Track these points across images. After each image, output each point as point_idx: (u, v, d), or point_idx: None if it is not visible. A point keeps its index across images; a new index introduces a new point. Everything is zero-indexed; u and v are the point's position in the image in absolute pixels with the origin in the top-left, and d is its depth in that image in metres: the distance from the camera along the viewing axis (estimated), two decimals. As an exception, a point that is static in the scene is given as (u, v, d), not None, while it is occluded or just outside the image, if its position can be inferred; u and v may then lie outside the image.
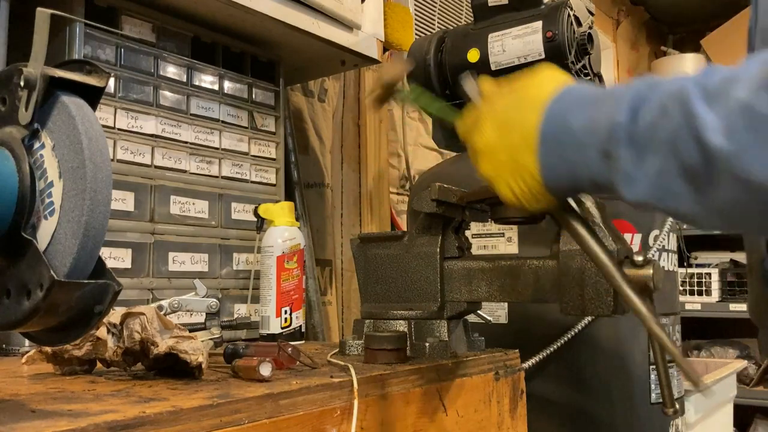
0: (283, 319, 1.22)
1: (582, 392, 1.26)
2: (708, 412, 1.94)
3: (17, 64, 0.57)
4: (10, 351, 1.06)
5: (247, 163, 1.41)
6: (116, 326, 0.76)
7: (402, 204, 2.21)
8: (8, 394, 0.64)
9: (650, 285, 0.78)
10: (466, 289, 0.94)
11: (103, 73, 0.60)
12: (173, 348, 0.73)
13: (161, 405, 0.57)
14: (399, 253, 1.00)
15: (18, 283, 0.55)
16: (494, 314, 1.28)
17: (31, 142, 0.58)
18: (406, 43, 1.93)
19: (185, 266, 1.27)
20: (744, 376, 3.33)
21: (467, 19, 2.58)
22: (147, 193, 1.22)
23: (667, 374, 0.78)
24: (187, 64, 1.32)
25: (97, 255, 0.56)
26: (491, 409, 0.97)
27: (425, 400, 0.85)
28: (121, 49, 1.21)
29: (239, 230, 1.37)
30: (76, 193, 0.54)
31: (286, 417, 0.66)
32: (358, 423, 0.73)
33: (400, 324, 0.96)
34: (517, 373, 1.04)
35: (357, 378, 0.75)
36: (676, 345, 0.96)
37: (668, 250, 1.38)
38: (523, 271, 0.88)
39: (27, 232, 0.56)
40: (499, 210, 0.93)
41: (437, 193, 0.93)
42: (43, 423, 0.50)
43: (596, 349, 1.26)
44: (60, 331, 0.57)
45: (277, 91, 1.50)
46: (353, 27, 1.55)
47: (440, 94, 1.55)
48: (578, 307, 0.82)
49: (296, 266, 1.25)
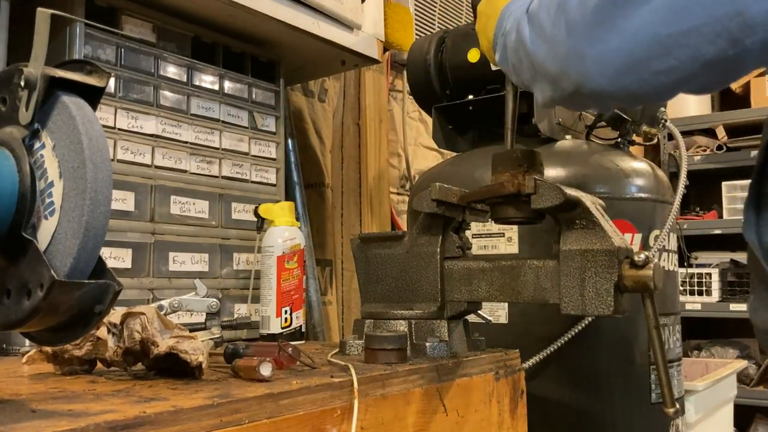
0: (283, 319, 1.22)
1: (582, 392, 1.26)
2: (708, 412, 1.94)
3: (18, 64, 0.57)
4: (10, 351, 1.06)
5: (248, 163, 1.41)
6: (116, 326, 0.76)
7: (402, 204, 2.21)
8: (8, 394, 0.64)
9: (650, 285, 0.78)
10: (466, 289, 0.94)
11: (104, 73, 0.60)
12: (173, 348, 0.73)
13: (161, 405, 0.57)
14: (399, 253, 1.00)
15: (18, 283, 0.55)
16: (494, 314, 1.28)
17: (31, 142, 0.58)
18: (406, 43, 1.93)
19: (185, 266, 1.27)
20: (744, 376, 3.33)
21: (467, 19, 2.58)
22: (147, 193, 1.22)
23: (667, 374, 0.78)
24: (187, 64, 1.32)
25: (98, 255, 0.56)
26: (491, 409, 0.97)
27: (425, 400, 0.85)
28: (121, 49, 1.21)
29: (239, 230, 1.37)
30: (77, 193, 0.54)
31: (287, 417, 0.66)
32: (359, 423, 0.73)
33: (401, 324, 0.96)
34: (517, 373, 1.04)
35: (357, 378, 0.75)
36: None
37: (668, 250, 1.38)
38: (523, 271, 0.88)
39: (27, 232, 0.56)
40: (499, 210, 0.93)
41: (437, 193, 0.93)
42: (44, 423, 0.50)
43: (596, 349, 1.26)
44: (60, 331, 0.57)
45: (277, 91, 1.50)
46: (353, 27, 1.55)
47: (440, 94, 1.55)
48: (578, 307, 0.82)
49: (296, 266, 1.25)
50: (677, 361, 1.40)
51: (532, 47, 0.78)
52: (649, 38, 0.65)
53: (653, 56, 0.66)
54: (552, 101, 0.81)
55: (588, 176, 1.29)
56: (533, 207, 0.85)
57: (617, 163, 1.34)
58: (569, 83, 0.74)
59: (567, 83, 0.74)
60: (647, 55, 0.66)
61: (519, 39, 0.80)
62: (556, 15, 0.73)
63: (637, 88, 0.69)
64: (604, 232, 0.82)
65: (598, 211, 0.84)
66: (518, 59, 0.82)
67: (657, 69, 0.67)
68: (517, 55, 0.82)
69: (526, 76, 0.83)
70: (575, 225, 0.84)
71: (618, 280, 0.80)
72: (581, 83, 0.72)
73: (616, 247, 0.80)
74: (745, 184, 3.51)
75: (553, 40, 0.74)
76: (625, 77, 0.69)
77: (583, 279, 0.82)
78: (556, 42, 0.73)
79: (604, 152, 1.37)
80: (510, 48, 0.84)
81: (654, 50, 0.66)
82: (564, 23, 0.72)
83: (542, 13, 0.76)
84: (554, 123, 1.37)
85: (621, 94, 0.71)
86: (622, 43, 0.67)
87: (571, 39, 0.71)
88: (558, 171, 1.29)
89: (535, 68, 0.78)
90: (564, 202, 0.83)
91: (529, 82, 0.83)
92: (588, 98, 0.76)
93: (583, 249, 0.82)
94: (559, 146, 1.37)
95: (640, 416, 1.28)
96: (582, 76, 0.72)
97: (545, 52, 0.75)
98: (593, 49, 0.69)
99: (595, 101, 0.78)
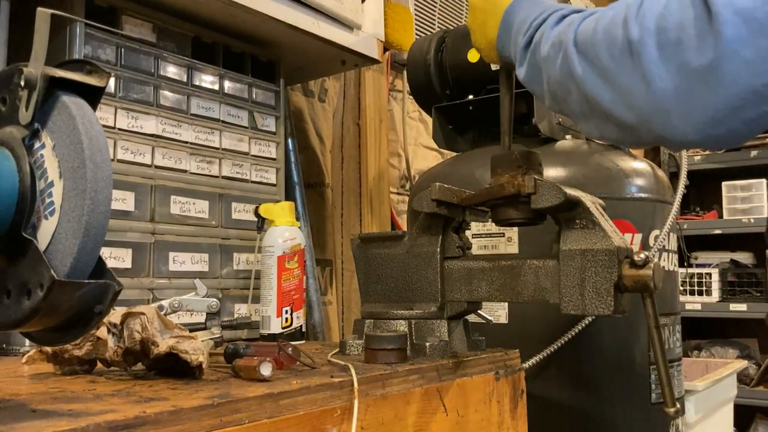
0: (284, 319, 1.22)
1: (582, 392, 1.26)
2: (708, 412, 1.94)
3: (18, 64, 0.57)
4: (10, 351, 1.06)
5: (248, 163, 1.41)
6: (117, 326, 0.76)
7: (402, 204, 2.21)
8: (8, 394, 0.64)
9: (650, 285, 0.78)
10: (466, 289, 0.94)
11: (104, 73, 0.60)
12: (174, 348, 0.73)
13: (161, 405, 0.57)
14: (399, 253, 1.00)
15: (18, 283, 0.55)
16: (494, 314, 1.28)
17: (31, 142, 0.58)
18: (406, 43, 1.93)
19: (185, 266, 1.27)
20: (744, 376, 3.33)
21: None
22: (147, 193, 1.22)
23: (667, 374, 0.78)
24: (187, 64, 1.32)
25: (98, 255, 0.56)
26: (491, 409, 0.97)
27: (425, 400, 0.85)
28: (121, 49, 1.21)
29: (239, 230, 1.37)
30: (77, 192, 0.54)
31: (287, 417, 0.66)
32: (359, 423, 0.73)
33: (401, 324, 0.96)
34: (517, 373, 1.04)
35: (357, 378, 0.75)
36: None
37: (668, 250, 1.38)
38: (523, 270, 0.88)
39: (27, 231, 0.56)
40: (500, 212, 0.93)
41: (437, 193, 0.93)
42: (44, 423, 0.50)
43: (596, 349, 1.26)
44: (60, 331, 0.57)
45: (277, 91, 1.50)
46: (353, 27, 1.55)
47: (440, 94, 1.55)
48: (578, 307, 0.82)
49: (297, 266, 1.25)
50: (677, 361, 1.40)
51: (591, 87, 0.74)
52: (743, 90, 0.64)
53: (747, 106, 0.65)
54: (615, 141, 0.81)
55: (588, 176, 1.29)
56: (533, 207, 0.85)
57: (617, 163, 1.34)
58: (649, 134, 0.72)
59: (646, 133, 0.72)
60: (741, 105, 0.65)
61: (569, 72, 0.77)
62: (622, 58, 0.70)
63: (724, 136, 0.68)
64: (604, 232, 0.82)
65: (598, 211, 0.84)
66: (565, 91, 0.79)
67: (749, 117, 0.66)
68: (564, 87, 0.79)
69: (574, 108, 0.79)
70: (575, 225, 0.84)
71: (618, 280, 0.80)
72: (664, 136, 0.71)
73: (616, 247, 0.80)
74: (745, 184, 3.51)
75: (625, 89, 0.71)
76: (714, 129, 0.67)
77: (583, 279, 0.82)
78: (630, 93, 0.70)
79: (604, 152, 1.37)
80: (552, 75, 0.80)
81: (748, 100, 0.64)
82: (639, 74, 0.69)
83: (601, 51, 0.72)
84: (554, 123, 1.37)
85: (708, 142, 0.70)
86: (712, 97, 0.65)
87: (651, 94, 0.68)
88: (558, 171, 1.29)
89: (592, 107, 0.76)
90: (564, 202, 0.83)
91: (579, 115, 0.80)
92: (670, 146, 0.75)
93: (583, 249, 0.82)
94: (559, 146, 1.37)
95: (640, 416, 1.28)
96: (666, 131, 0.70)
97: (611, 97, 0.73)
98: (680, 105, 0.67)
99: (678, 149, 0.78)
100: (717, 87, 0.65)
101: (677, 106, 0.67)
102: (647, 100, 0.69)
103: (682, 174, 1.34)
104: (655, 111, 0.69)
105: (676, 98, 0.67)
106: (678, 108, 0.67)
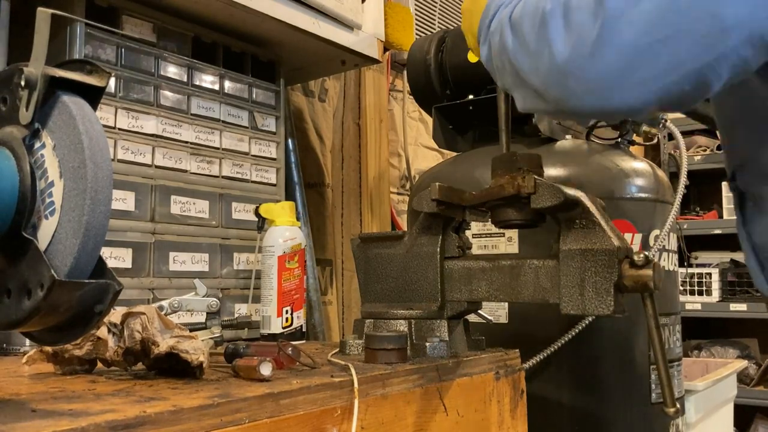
0: (284, 318, 1.22)
1: (582, 392, 1.26)
2: (708, 412, 1.94)
3: (18, 64, 0.57)
4: (10, 351, 1.06)
5: (248, 163, 1.41)
6: (117, 326, 0.76)
7: (402, 204, 2.21)
8: (9, 394, 0.64)
9: (650, 285, 0.78)
10: (466, 289, 0.94)
11: (104, 72, 0.60)
12: (174, 348, 0.73)
13: (162, 404, 0.57)
14: (399, 253, 1.00)
15: (18, 283, 0.55)
16: (494, 314, 1.28)
17: (31, 142, 0.58)
18: (407, 43, 1.93)
19: (186, 266, 1.27)
20: (744, 376, 3.33)
21: (467, 19, 2.57)
22: (147, 192, 1.22)
23: (668, 374, 0.78)
24: (187, 64, 1.32)
25: (98, 255, 0.56)
26: (491, 409, 0.97)
27: (425, 400, 0.85)
28: (121, 49, 1.21)
29: (240, 230, 1.37)
30: (77, 192, 0.54)
31: (287, 416, 0.66)
32: (359, 423, 0.73)
33: (401, 324, 0.96)
34: (517, 373, 1.04)
35: (357, 378, 0.75)
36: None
37: (668, 250, 1.38)
38: (523, 270, 0.88)
39: (27, 231, 0.56)
40: (500, 213, 0.93)
41: (437, 193, 0.93)
42: (44, 423, 0.50)
43: (596, 349, 1.26)
44: (60, 331, 0.57)
45: (277, 91, 1.50)
46: (353, 27, 1.55)
47: (440, 94, 1.55)
48: (578, 307, 0.82)
49: (297, 266, 1.25)
50: (677, 361, 1.40)
51: (515, 56, 0.79)
52: (629, 49, 0.67)
53: (634, 67, 0.68)
54: (535, 110, 0.83)
55: (588, 176, 1.29)
56: (533, 207, 0.85)
57: (617, 163, 1.34)
58: (552, 101, 0.76)
59: (552, 100, 0.76)
60: (627, 66, 0.68)
61: (502, 44, 0.82)
62: (537, 28, 0.75)
63: (618, 102, 0.71)
64: (604, 232, 0.82)
65: (598, 211, 0.84)
66: (501, 63, 0.83)
67: (637, 80, 0.68)
68: (501, 59, 0.83)
69: (508, 80, 0.84)
70: (575, 225, 0.84)
71: (618, 279, 0.80)
72: (563, 100, 0.74)
73: (615, 247, 0.80)
74: (745, 184, 3.51)
75: (536, 55, 0.75)
76: (611, 92, 0.70)
77: (583, 279, 0.82)
78: (538, 58, 0.75)
79: (604, 152, 1.37)
80: (494, 50, 0.85)
81: (634, 61, 0.68)
82: (545, 41, 0.73)
83: (525, 24, 0.77)
84: (554, 123, 1.38)
85: (608, 109, 0.73)
86: (601, 58, 0.69)
87: (551, 57, 0.73)
88: (558, 171, 1.29)
89: (519, 76, 0.80)
90: (564, 202, 0.83)
91: (511, 86, 0.84)
92: (570, 114, 0.78)
93: (583, 249, 0.82)
94: (559, 146, 1.37)
95: (640, 416, 1.28)
96: (565, 94, 0.74)
97: (528, 65, 0.77)
98: (575, 67, 0.71)
99: (577, 117, 0.81)
100: (604, 47, 0.68)
101: (573, 68, 0.71)
102: (549, 65, 0.73)
103: (682, 174, 1.35)
104: (555, 74, 0.73)
105: (571, 60, 0.71)
106: (574, 70, 0.71)
